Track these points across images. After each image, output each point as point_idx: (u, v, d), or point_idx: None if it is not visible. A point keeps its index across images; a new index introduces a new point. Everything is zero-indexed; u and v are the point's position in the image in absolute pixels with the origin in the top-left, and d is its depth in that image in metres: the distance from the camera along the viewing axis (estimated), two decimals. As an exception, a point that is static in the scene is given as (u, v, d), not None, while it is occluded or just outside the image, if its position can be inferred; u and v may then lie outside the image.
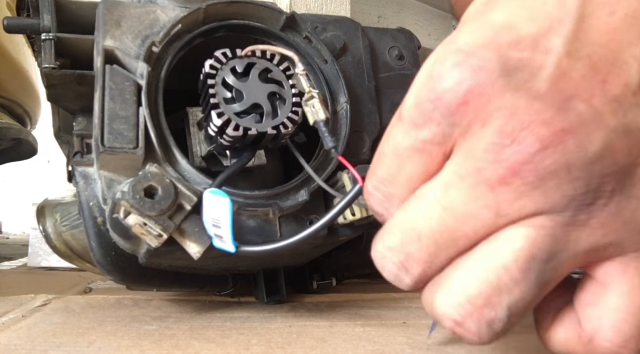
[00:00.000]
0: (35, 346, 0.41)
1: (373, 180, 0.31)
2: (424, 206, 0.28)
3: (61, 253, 0.63)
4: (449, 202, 0.27)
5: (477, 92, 0.26)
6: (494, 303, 0.26)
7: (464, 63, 0.26)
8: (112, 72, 0.42)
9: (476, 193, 0.26)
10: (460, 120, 0.27)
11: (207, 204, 0.40)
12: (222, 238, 0.39)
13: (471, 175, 0.26)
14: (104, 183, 0.41)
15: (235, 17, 0.48)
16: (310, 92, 0.43)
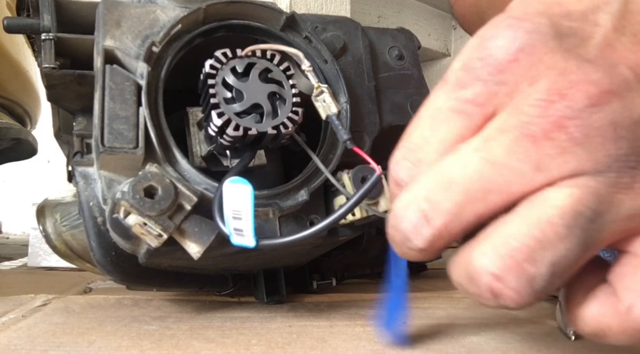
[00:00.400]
0: (35, 346, 0.41)
1: (403, 148, 0.30)
2: (460, 157, 0.27)
3: (61, 253, 0.63)
4: (488, 154, 0.27)
5: (528, 50, 0.27)
6: (536, 258, 0.25)
7: (518, 26, 0.27)
8: (112, 72, 0.42)
9: (518, 146, 0.26)
10: (508, 78, 0.27)
11: (228, 195, 0.39)
12: (242, 232, 0.39)
13: (515, 128, 0.26)
14: (104, 183, 0.41)
15: (235, 17, 0.48)
16: (320, 87, 0.43)
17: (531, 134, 0.26)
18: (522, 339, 0.48)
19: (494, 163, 0.26)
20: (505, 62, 0.27)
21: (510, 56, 0.27)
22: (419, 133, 0.29)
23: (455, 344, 0.46)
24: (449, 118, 0.28)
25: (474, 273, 0.26)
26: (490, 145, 0.27)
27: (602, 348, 0.47)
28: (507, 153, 0.26)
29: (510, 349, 0.45)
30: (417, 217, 0.27)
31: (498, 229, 0.27)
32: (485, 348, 0.45)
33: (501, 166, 0.26)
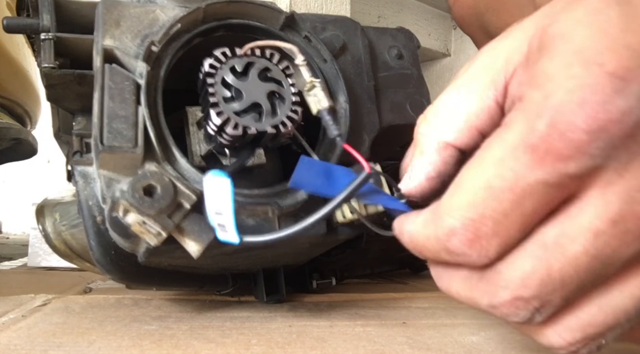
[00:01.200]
0: (35, 346, 0.41)
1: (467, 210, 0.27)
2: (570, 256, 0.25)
3: (61, 252, 0.63)
4: (600, 252, 0.25)
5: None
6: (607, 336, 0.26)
7: (627, 91, 0.23)
8: (111, 71, 0.42)
9: (632, 239, 0.24)
10: (621, 154, 0.24)
11: (208, 189, 0.39)
12: (225, 227, 0.39)
13: (630, 220, 0.24)
14: (103, 182, 0.41)
15: (234, 17, 0.48)
16: (312, 82, 0.42)
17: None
18: (522, 339, 0.48)
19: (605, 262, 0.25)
20: (620, 139, 0.24)
21: (627, 132, 0.23)
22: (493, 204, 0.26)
23: (455, 344, 0.46)
24: (539, 191, 0.25)
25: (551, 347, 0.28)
26: (602, 242, 0.25)
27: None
28: (620, 247, 0.24)
29: (510, 349, 0.45)
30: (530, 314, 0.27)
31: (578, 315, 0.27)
32: (485, 348, 0.45)
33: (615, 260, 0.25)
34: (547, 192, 0.25)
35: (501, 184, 0.26)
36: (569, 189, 0.25)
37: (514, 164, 0.25)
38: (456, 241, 0.27)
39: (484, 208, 0.26)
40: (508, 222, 0.26)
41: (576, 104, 0.24)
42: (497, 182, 0.26)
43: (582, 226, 0.25)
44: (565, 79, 0.24)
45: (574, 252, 0.25)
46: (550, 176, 0.25)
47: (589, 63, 0.24)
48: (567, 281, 0.25)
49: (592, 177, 0.24)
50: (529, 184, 0.25)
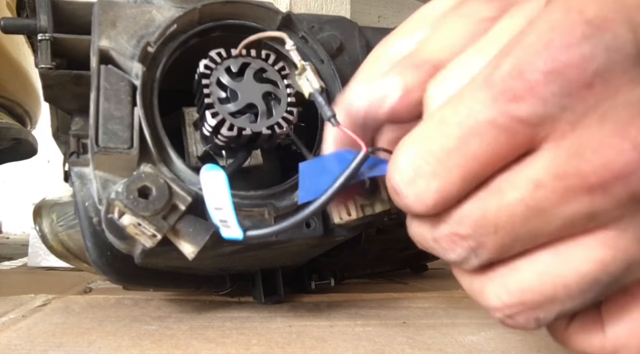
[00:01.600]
0: (35, 346, 0.41)
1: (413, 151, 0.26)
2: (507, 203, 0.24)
3: (58, 253, 0.63)
4: (538, 203, 0.24)
5: (607, 76, 0.22)
6: (544, 309, 0.25)
7: (597, 38, 0.22)
8: (107, 72, 0.42)
9: (572, 196, 0.23)
10: (576, 105, 0.23)
11: (205, 184, 0.39)
12: (227, 222, 0.38)
13: (572, 177, 0.23)
14: (99, 183, 0.41)
15: (231, 17, 0.48)
16: (303, 65, 0.41)
17: (589, 186, 0.23)
18: (522, 339, 0.48)
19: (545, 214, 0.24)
20: (577, 86, 0.22)
21: (585, 80, 0.22)
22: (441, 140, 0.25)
23: (455, 344, 0.46)
24: (486, 132, 0.24)
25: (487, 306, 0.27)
26: (541, 194, 0.24)
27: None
28: (559, 205, 0.23)
29: (510, 349, 0.45)
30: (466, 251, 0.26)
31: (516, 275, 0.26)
32: (485, 348, 0.45)
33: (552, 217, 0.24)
34: (495, 136, 0.24)
35: (452, 119, 0.25)
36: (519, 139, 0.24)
37: (470, 100, 0.25)
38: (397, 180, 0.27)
39: (429, 144, 0.25)
40: (450, 163, 0.25)
41: (542, 45, 0.23)
42: (449, 117, 0.25)
43: (526, 176, 0.24)
44: (543, 22, 0.24)
45: (511, 199, 0.24)
46: (500, 116, 0.24)
47: (571, 10, 0.23)
48: (501, 226, 0.24)
49: (544, 127, 0.23)
50: (478, 122, 0.24)
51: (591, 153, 0.22)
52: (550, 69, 0.22)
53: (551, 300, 0.25)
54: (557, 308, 0.25)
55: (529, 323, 0.26)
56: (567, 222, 0.24)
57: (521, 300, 0.25)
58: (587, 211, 0.23)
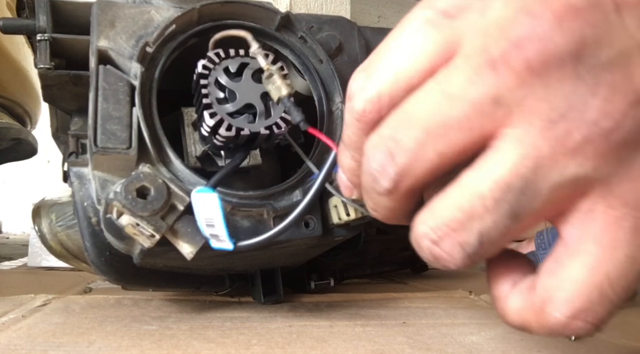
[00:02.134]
0: (35, 346, 0.41)
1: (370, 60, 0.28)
2: (423, 93, 0.25)
3: (57, 253, 0.63)
4: (449, 86, 0.24)
5: None
6: (466, 228, 0.25)
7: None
8: (105, 72, 0.42)
9: (478, 74, 0.23)
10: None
11: (197, 205, 0.39)
12: (219, 237, 0.39)
13: (477, 54, 0.23)
14: (98, 183, 0.41)
15: (229, 17, 0.48)
16: (269, 69, 0.41)
17: (491, 60, 0.23)
18: (522, 339, 0.48)
19: (452, 96, 0.24)
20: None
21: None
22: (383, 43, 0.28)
23: (455, 344, 0.46)
24: (415, 27, 0.26)
25: (417, 238, 0.26)
26: (452, 78, 0.24)
27: (602, 348, 0.47)
28: (465, 84, 0.24)
29: (510, 349, 0.45)
30: (384, 155, 0.26)
31: (439, 198, 0.26)
32: (485, 348, 0.45)
33: (459, 99, 0.24)
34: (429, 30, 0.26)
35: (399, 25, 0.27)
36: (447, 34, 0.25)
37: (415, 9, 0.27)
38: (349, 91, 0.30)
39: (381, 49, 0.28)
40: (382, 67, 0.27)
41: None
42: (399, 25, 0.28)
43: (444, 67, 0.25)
44: None
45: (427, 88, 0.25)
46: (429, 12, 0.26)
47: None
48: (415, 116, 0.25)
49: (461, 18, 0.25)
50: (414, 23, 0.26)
51: (494, 29, 0.23)
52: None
53: (470, 216, 0.25)
54: (476, 226, 0.25)
55: (454, 249, 0.25)
56: (475, 106, 0.24)
57: (443, 221, 0.25)
58: (492, 91, 0.23)
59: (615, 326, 0.54)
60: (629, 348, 0.48)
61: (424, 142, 0.25)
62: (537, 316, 0.26)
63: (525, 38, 0.22)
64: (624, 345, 0.48)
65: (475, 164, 0.25)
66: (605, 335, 0.51)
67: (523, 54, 0.22)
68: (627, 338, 0.50)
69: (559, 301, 0.25)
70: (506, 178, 0.24)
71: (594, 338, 0.50)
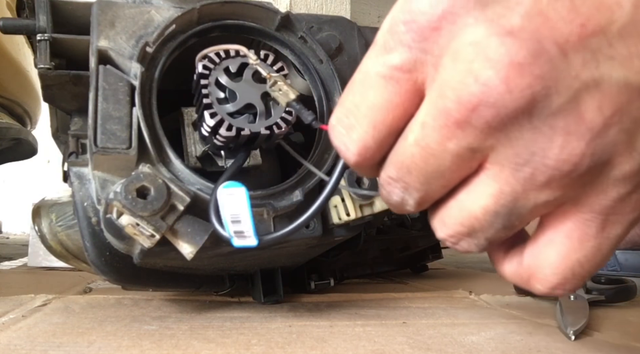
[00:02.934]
0: (35, 346, 0.41)
1: (338, 111, 0.29)
2: (406, 145, 0.27)
3: (57, 253, 0.63)
4: (427, 143, 0.26)
5: (450, 19, 0.25)
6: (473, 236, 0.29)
7: None
8: (105, 72, 0.42)
9: (448, 132, 0.25)
10: (432, 47, 0.26)
11: (223, 201, 0.39)
12: (243, 233, 0.38)
13: (442, 115, 0.25)
14: (98, 183, 0.41)
15: (229, 17, 0.48)
16: (272, 78, 0.42)
17: (456, 121, 0.25)
18: (522, 339, 0.48)
19: (435, 151, 0.26)
20: (428, 30, 0.25)
21: (433, 23, 0.25)
22: (350, 98, 0.29)
23: (455, 344, 0.46)
24: (377, 83, 0.27)
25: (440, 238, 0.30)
26: (426, 134, 0.26)
27: (602, 348, 0.47)
28: (441, 140, 0.26)
29: (510, 349, 0.45)
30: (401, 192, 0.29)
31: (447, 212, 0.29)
32: (485, 348, 0.45)
33: (441, 152, 0.26)
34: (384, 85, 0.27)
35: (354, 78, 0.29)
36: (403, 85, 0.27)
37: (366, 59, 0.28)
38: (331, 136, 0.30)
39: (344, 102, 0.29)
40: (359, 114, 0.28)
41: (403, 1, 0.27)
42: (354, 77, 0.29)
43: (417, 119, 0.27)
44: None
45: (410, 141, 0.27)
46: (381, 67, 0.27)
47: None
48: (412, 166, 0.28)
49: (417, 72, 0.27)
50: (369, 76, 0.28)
51: (450, 91, 0.25)
52: (406, 19, 0.26)
53: (472, 229, 0.28)
54: (481, 235, 0.29)
55: (471, 246, 0.30)
56: (455, 158, 0.26)
57: (455, 230, 0.29)
58: (465, 145, 0.26)
59: (615, 326, 0.55)
60: (629, 348, 0.48)
61: (428, 182, 0.28)
62: (525, 284, 0.31)
63: (479, 104, 0.24)
64: (624, 345, 0.48)
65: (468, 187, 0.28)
66: (605, 335, 0.51)
67: (481, 117, 0.24)
68: (627, 338, 0.50)
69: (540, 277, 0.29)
70: (491, 206, 0.27)
71: (594, 338, 0.50)
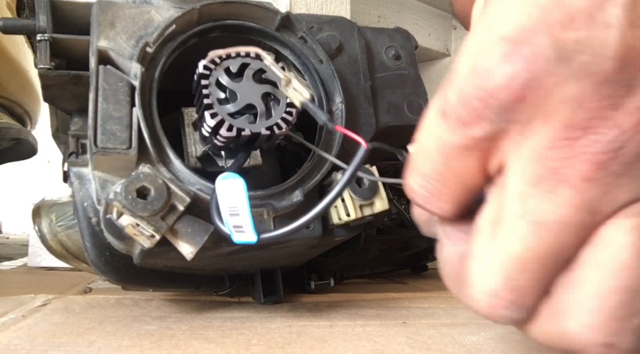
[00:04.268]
0: (35, 346, 0.41)
1: (416, 176, 0.28)
2: (512, 231, 0.25)
3: (57, 253, 0.63)
4: (535, 216, 0.24)
5: (534, 85, 0.23)
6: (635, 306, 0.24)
7: (515, 54, 0.23)
8: (105, 72, 0.42)
9: (560, 197, 0.23)
10: (518, 117, 0.24)
11: (221, 192, 0.38)
12: (242, 228, 0.38)
13: (547, 179, 0.24)
14: (98, 183, 0.41)
15: (230, 17, 0.48)
16: (286, 77, 0.42)
17: (568, 180, 0.23)
18: (522, 339, 0.48)
19: (550, 225, 0.24)
20: (511, 103, 0.24)
21: (515, 96, 0.24)
22: (431, 166, 0.27)
23: (455, 344, 0.46)
24: (461, 154, 0.26)
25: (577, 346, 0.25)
26: (531, 206, 0.24)
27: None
28: (553, 209, 0.24)
29: (510, 349, 0.45)
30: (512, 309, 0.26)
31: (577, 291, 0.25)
32: (485, 348, 0.45)
33: (558, 225, 0.24)
34: (470, 155, 0.26)
35: (430, 146, 0.27)
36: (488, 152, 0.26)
37: (437, 129, 0.27)
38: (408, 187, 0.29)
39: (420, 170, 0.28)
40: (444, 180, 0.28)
41: (470, 72, 0.25)
42: (427, 144, 0.28)
43: (507, 197, 0.25)
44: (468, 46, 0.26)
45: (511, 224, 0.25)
46: (462, 139, 0.26)
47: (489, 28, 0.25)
48: (526, 258, 0.25)
49: (502, 139, 0.25)
50: (450, 146, 0.26)
51: (551, 152, 0.23)
52: (482, 96, 0.24)
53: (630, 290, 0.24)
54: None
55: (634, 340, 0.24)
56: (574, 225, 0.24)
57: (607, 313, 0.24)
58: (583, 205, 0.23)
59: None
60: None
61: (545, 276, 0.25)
62: None
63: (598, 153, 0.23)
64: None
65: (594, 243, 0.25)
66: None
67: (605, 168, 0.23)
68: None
69: None
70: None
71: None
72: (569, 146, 0.23)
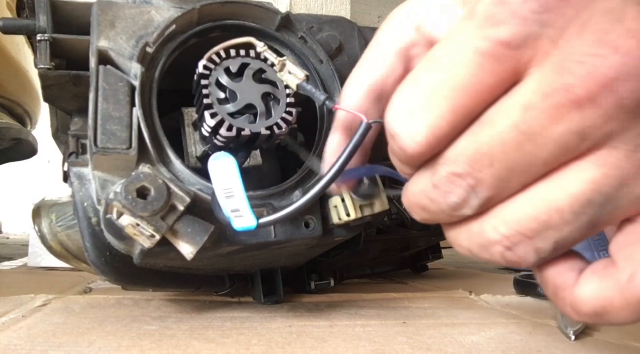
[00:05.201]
0: (35, 346, 0.41)
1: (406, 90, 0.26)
2: (491, 133, 0.24)
3: (57, 253, 0.63)
4: (529, 127, 0.23)
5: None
6: (542, 237, 0.25)
7: None
8: (105, 72, 0.42)
9: (562, 114, 0.22)
10: (555, 19, 0.22)
11: (215, 174, 0.38)
12: (240, 211, 0.37)
13: (559, 93, 0.22)
14: (98, 183, 0.41)
15: (229, 17, 0.48)
16: (280, 61, 0.41)
17: (577, 99, 0.22)
18: (522, 339, 0.48)
19: (538, 138, 0.23)
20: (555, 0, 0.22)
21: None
22: (428, 76, 0.25)
23: (455, 344, 0.46)
24: (471, 60, 0.24)
25: (487, 244, 0.26)
26: (531, 116, 0.23)
27: (602, 348, 0.47)
28: (550, 124, 0.23)
29: (510, 349, 0.45)
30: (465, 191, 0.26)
31: (511, 207, 0.25)
32: (485, 348, 0.45)
33: (543, 139, 0.23)
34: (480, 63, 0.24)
35: (439, 53, 0.25)
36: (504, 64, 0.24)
37: (455, 34, 0.25)
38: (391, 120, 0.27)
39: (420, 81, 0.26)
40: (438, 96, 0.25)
41: None
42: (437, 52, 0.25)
43: (515, 101, 0.24)
44: None
45: (503, 126, 0.24)
46: (483, 42, 0.24)
47: None
48: (496, 157, 0.24)
49: (527, 48, 0.23)
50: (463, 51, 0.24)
51: (575, 65, 0.22)
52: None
53: (546, 226, 0.25)
54: (553, 235, 0.25)
55: (528, 254, 0.26)
56: (560, 144, 0.23)
57: (518, 229, 0.25)
58: (578, 129, 0.23)
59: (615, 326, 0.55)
60: (629, 347, 0.48)
61: (507, 179, 0.25)
62: (622, 292, 0.25)
63: (616, 78, 0.21)
64: (624, 345, 0.48)
65: (555, 176, 0.24)
66: (605, 335, 0.51)
67: (615, 94, 0.22)
68: (627, 338, 0.50)
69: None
70: (586, 193, 0.24)
71: (594, 337, 0.50)
72: (594, 64, 0.22)
